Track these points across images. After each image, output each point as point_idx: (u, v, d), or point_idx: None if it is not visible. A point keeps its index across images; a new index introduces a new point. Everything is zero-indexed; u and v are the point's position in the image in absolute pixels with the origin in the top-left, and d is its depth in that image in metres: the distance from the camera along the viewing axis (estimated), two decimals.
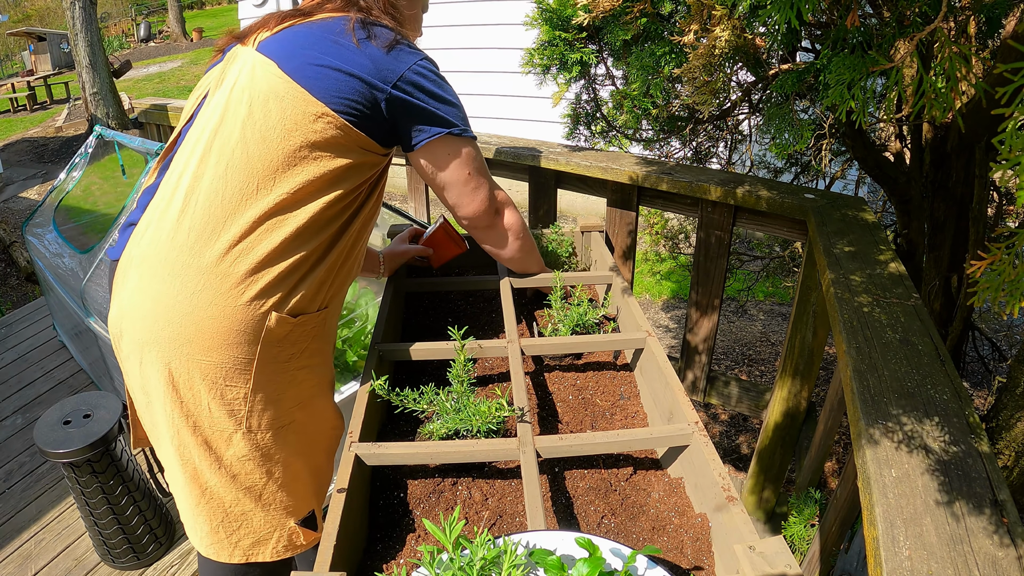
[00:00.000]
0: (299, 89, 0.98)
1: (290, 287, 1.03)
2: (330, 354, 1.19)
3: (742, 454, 3.21)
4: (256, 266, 0.99)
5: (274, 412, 1.06)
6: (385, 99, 1.03)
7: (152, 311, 0.99)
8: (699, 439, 1.01)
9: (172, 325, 0.98)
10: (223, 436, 1.04)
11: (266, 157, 0.98)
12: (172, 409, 1.02)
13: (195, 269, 0.98)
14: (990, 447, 0.91)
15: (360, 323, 2.20)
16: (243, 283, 0.99)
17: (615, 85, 1.97)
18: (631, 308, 1.39)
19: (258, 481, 1.08)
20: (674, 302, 4.59)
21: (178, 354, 0.99)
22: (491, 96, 5.80)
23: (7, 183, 7.94)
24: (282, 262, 1.01)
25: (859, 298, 1.29)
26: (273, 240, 1.00)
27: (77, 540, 2.07)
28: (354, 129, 1.01)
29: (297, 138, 0.99)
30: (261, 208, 0.99)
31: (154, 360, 1.00)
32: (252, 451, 1.06)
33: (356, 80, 1.00)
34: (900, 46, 1.05)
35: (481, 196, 1.19)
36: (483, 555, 0.72)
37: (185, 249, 0.98)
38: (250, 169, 0.99)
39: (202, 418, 1.03)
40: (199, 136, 1.03)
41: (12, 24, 16.40)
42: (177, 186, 1.02)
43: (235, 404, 1.03)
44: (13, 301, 5.11)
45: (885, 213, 2.92)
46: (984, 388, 3.28)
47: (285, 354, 1.05)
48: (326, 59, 1.00)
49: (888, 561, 0.76)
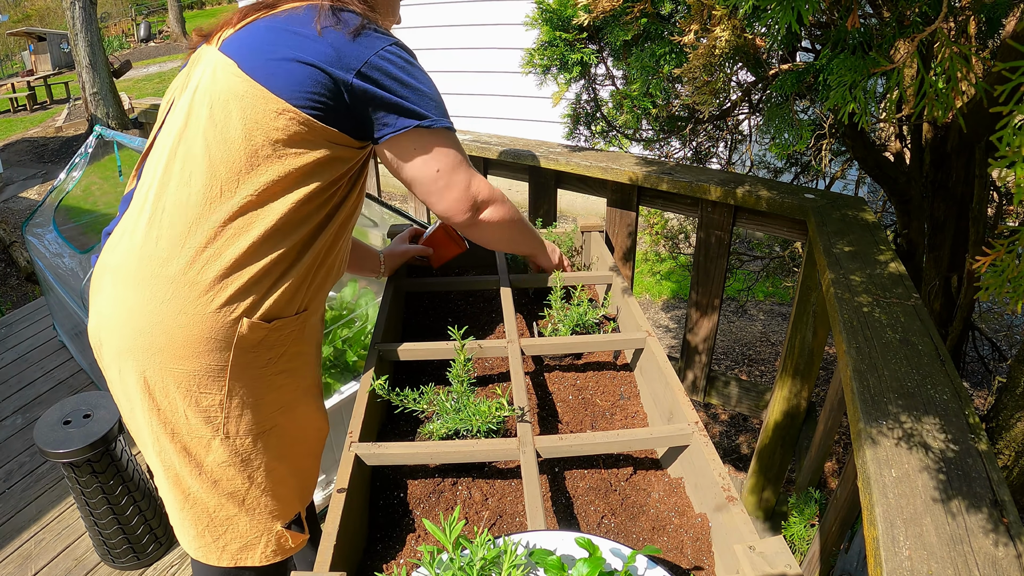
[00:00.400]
0: (258, 87, 0.94)
1: (262, 292, 1.00)
2: (314, 357, 1.17)
3: (742, 454, 3.21)
4: (224, 272, 0.97)
5: (252, 418, 1.05)
6: (348, 88, 0.97)
7: (126, 321, 0.99)
8: (699, 439, 1.01)
9: (144, 335, 0.98)
10: (201, 443, 1.03)
11: (228, 160, 0.96)
12: (151, 417, 1.03)
13: (164, 279, 0.97)
14: (990, 447, 0.91)
15: (360, 323, 2.20)
16: (211, 290, 0.97)
17: (615, 85, 1.97)
18: (631, 308, 1.39)
19: (240, 487, 1.07)
20: (674, 302, 4.59)
21: (151, 363, 0.99)
22: (491, 96, 5.80)
23: (7, 183, 7.93)
24: (252, 266, 0.98)
25: (859, 298, 1.29)
26: (241, 244, 0.97)
27: (77, 540, 2.07)
28: (319, 123, 0.97)
29: (259, 138, 0.95)
30: (226, 212, 0.96)
31: (131, 369, 1.00)
32: (232, 457, 1.05)
33: (316, 70, 0.95)
34: (900, 46, 1.05)
35: (453, 195, 1.09)
36: (483, 555, 0.72)
37: (154, 258, 0.98)
38: (213, 173, 0.96)
39: (180, 425, 1.03)
40: (165, 143, 1.01)
41: (12, 24, 16.40)
42: (147, 195, 1.01)
43: (211, 411, 1.02)
44: (13, 301, 5.11)
45: (885, 213, 2.92)
46: (984, 388, 3.28)
47: (261, 359, 1.04)
48: (286, 52, 0.95)
49: (888, 561, 0.76)
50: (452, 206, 1.11)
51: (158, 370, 0.99)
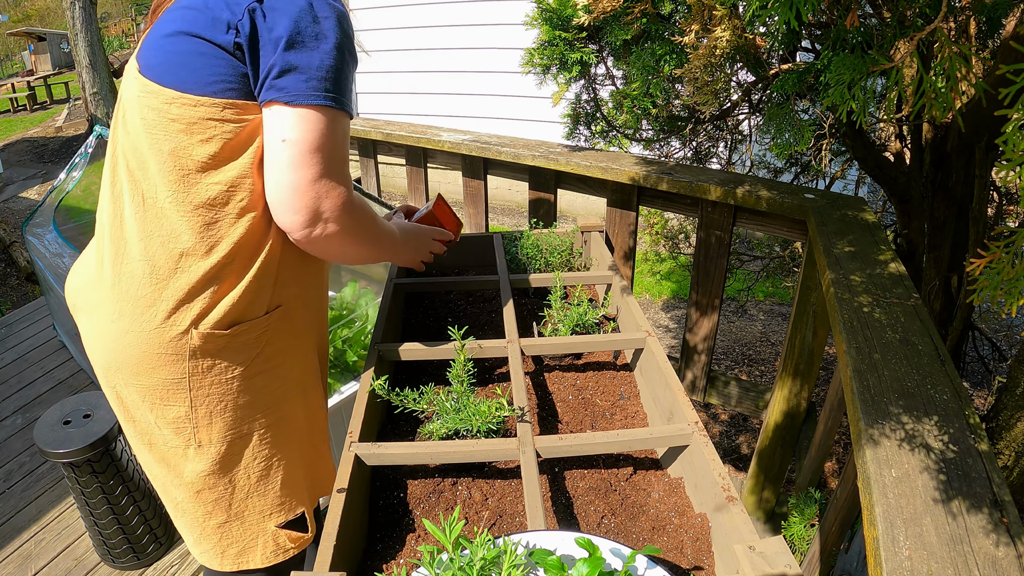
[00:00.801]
0: (154, 86, 0.88)
1: (210, 298, 0.94)
2: (304, 351, 1.11)
3: (742, 454, 3.21)
4: (160, 284, 0.93)
5: (224, 424, 1.01)
6: (233, 47, 0.86)
7: (94, 342, 1.01)
8: (699, 439, 1.01)
9: (107, 352, 0.98)
10: (177, 453, 1.02)
11: (145, 165, 0.91)
12: (129, 429, 1.04)
13: (112, 297, 0.96)
14: (990, 447, 0.91)
15: (360, 323, 2.20)
16: (154, 305, 0.94)
17: (615, 85, 1.97)
18: (631, 308, 1.39)
19: (223, 493, 1.05)
20: (674, 302, 4.59)
21: (118, 379, 0.99)
22: (491, 96, 5.80)
23: (7, 183, 7.93)
24: (191, 275, 0.93)
25: (859, 298, 1.29)
26: (169, 252, 0.93)
27: (77, 540, 2.07)
28: (227, 100, 0.87)
29: (166, 143, 0.88)
30: (140, 219, 0.93)
31: (106, 385, 1.02)
32: (210, 465, 1.03)
33: (203, 42, 0.85)
34: (900, 46, 1.05)
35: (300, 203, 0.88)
36: (483, 555, 0.72)
37: (104, 279, 0.98)
38: (133, 182, 0.92)
39: (155, 436, 1.02)
40: (106, 160, 1.01)
41: (12, 24, 16.41)
42: (100, 213, 1.01)
43: (179, 423, 1.00)
44: (13, 301, 5.11)
45: (885, 213, 2.92)
46: (984, 388, 3.28)
47: (227, 366, 0.99)
48: (180, 38, 0.87)
49: (888, 561, 0.76)
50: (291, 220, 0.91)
51: (124, 386, 1.00)
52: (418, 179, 2.72)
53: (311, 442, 1.16)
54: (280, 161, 0.87)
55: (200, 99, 0.87)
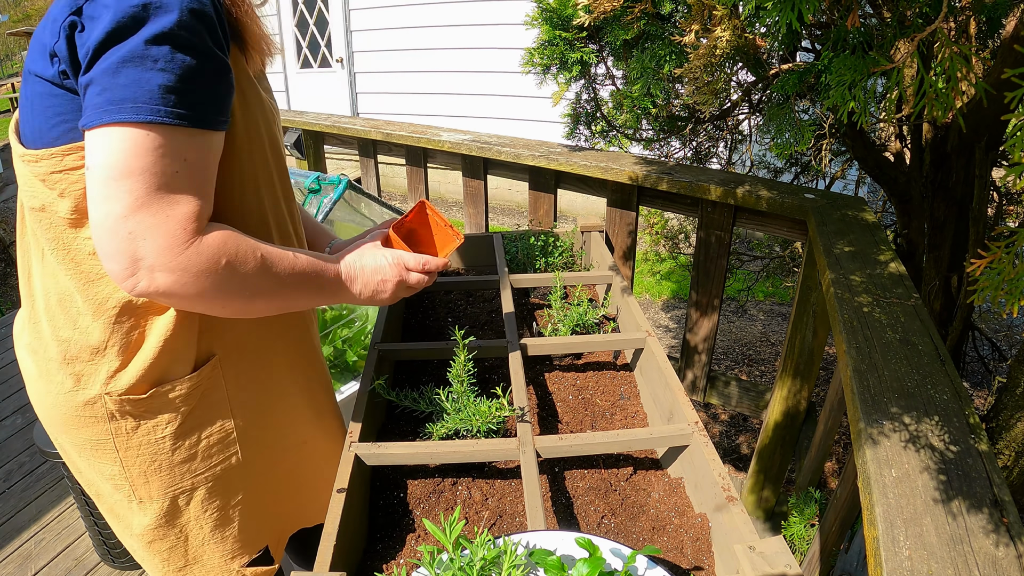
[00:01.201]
0: (15, 140, 0.79)
1: (118, 361, 0.83)
2: (259, 392, 0.98)
3: (742, 454, 3.21)
4: (63, 346, 0.84)
5: (162, 483, 0.92)
6: (60, 77, 0.71)
7: (28, 390, 0.95)
8: (699, 439, 1.01)
9: (37, 406, 0.94)
10: (123, 506, 0.97)
11: (22, 214, 0.82)
12: (78, 478, 1.00)
13: (31, 358, 0.91)
14: (990, 447, 0.91)
15: (360, 323, 2.20)
16: (62, 369, 0.85)
17: (615, 85, 1.97)
18: (631, 308, 1.39)
19: (176, 543, 0.99)
20: (674, 302, 4.59)
21: (51, 431, 0.95)
22: (491, 96, 5.80)
23: (7, 183, 7.94)
24: (88, 336, 0.83)
25: (859, 298, 1.29)
26: (67, 313, 0.84)
27: (77, 540, 2.07)
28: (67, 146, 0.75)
29: (34, 201, 0.78)
30: (40, 276, 0.85)
31: (48, 434, 0.99)
32: (156, 519, 0.95)
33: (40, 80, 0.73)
34: (901, 46, 1.05)
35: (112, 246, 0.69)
36: (483, 555, 0.72)
37: (24, 334, 0.92)
38: (34, 236, 0.84)
39: (101, 488, 0.97)
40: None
41: (12, 24, 16.41)
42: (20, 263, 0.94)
43: (115, 479, 0.92)
44: (13, 301, 5.11)
45: (885, 213, 2.92)
46: (984, 388, 3.28)
47: (154, 426, 0.88)
48: (28, 79, 0.75)
49: (888, 561, 0.76)
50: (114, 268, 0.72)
51: (58, 438, 0.95)
52: (418, 179, 2.72)
53: (275, 480, 1.06)
54: (89, 194, 0.70)
55: (39, 153, 0.75)
